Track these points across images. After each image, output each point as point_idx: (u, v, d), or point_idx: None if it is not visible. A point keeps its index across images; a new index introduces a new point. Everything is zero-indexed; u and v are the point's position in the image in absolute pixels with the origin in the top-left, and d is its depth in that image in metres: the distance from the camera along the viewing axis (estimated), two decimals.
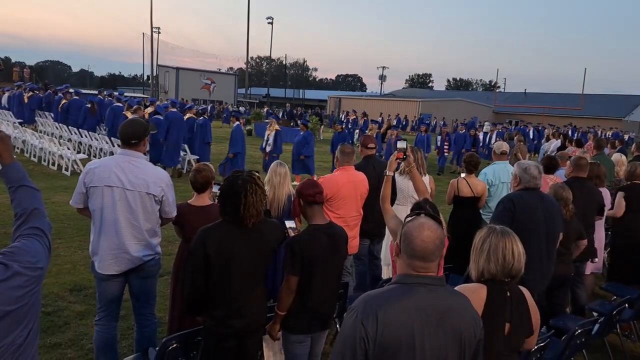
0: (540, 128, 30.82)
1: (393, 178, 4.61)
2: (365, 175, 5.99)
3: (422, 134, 20.54)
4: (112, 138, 15.57)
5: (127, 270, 4.29)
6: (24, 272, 2.15)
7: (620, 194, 6.75)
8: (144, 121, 4.49)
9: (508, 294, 3.08)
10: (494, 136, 24.04)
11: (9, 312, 2.08)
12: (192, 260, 3.53)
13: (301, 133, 15.25)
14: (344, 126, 21.52)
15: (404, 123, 46.58)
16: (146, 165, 4.29)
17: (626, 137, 35.17)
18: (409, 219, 2.49)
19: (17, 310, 2.11)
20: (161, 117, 15.26)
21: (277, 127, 15.33)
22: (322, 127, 35.77)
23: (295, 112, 46.54)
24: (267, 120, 35.37)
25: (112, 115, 16.56)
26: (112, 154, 13.67)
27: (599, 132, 38.40)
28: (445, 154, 21.46)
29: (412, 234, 2.36)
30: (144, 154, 4.42)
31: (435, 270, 2.39)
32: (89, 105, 18.79)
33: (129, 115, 14.71)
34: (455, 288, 2.73)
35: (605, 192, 6.86)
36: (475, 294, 2.90)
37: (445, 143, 21.34)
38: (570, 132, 29.27)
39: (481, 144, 23.17)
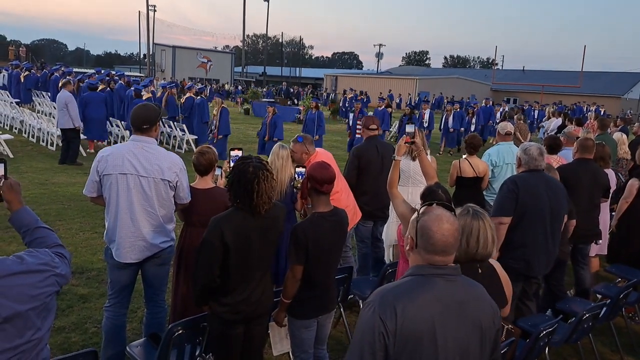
0: (525, 108, 29.32)
1: None
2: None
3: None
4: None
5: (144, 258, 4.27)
6: (40, 269, 2.11)
7: (634, 181, 6.52)
8: (155, 106, 4.38)
9: (480, 270, 3.12)
10: (450, 118, 20.40)
11: (19, 312, 2.03)
12: (208, 252, 3.41)
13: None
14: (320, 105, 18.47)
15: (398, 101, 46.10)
16: (159, 150, 4.21)
17: (602, 110, 35.02)
18: (423, 210, 2.36)
19: (29, 311, 2.07)
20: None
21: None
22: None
23: (292, 90, 46.34)
24: (264, 100, 34.69)
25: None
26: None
27: (584, 108, 38.02)
28: (357, 136, 16.07)
29: (430, 228, 2.25)
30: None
31: (452, 261, 2.32)
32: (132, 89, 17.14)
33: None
34: None
35: (611, 174, 6.78)
36: None
37: (358, 122, 15.48)
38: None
39: (427, 125, 19.86)
